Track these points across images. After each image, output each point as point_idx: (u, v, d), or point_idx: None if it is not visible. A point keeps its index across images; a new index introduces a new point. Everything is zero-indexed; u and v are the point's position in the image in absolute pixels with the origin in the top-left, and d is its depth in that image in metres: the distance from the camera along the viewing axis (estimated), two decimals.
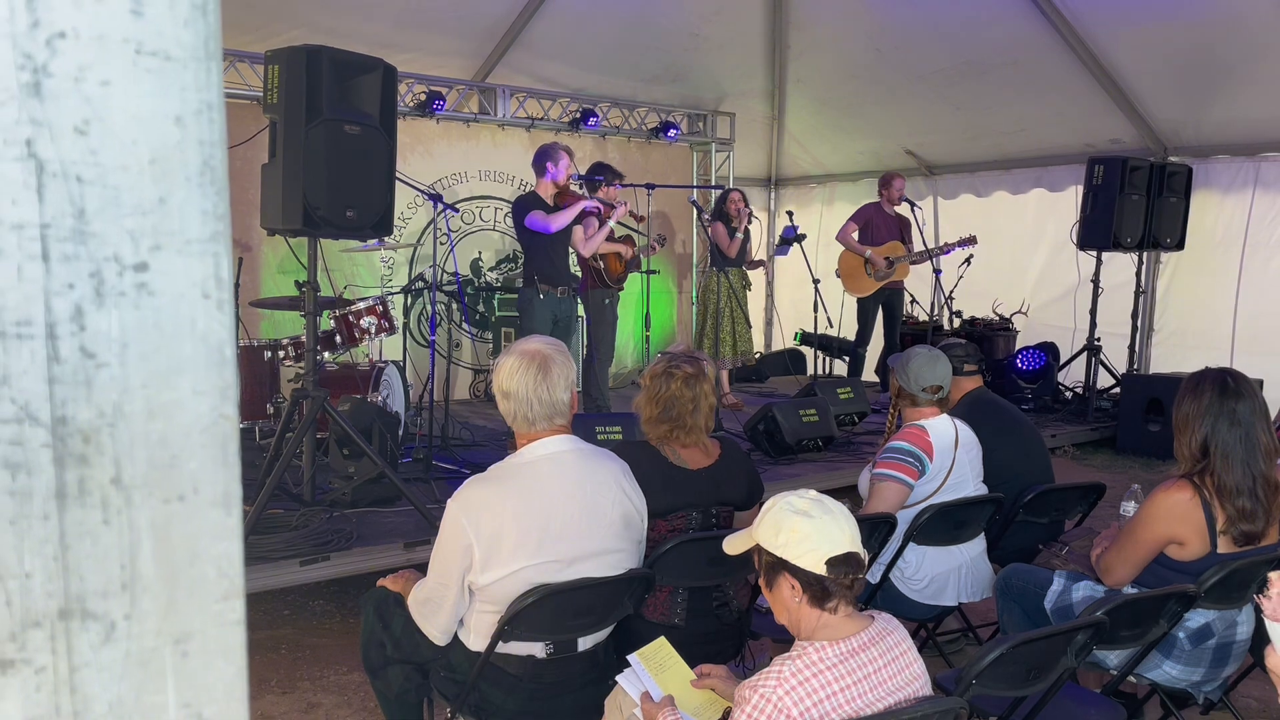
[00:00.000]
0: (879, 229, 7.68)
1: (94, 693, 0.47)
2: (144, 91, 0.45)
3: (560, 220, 5.73)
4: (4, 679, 0.45)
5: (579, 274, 6.40)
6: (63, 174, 0.44)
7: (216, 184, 0.46)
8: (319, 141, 3.80)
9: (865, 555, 1.94)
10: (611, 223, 6.30)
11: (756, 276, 8.21)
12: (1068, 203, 8.18)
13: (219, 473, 0.48)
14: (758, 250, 7.58)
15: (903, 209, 7.78)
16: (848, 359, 8.23)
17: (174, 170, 0.46)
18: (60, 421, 0.45)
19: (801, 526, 1.89)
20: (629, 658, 2.26)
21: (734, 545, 2.08)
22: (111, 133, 0.45)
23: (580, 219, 5.99)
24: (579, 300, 6.26)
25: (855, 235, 7.70)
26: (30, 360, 0.44)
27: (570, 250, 6.20)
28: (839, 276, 7.75)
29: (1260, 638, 2.82)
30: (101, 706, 0.47)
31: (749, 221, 7.29)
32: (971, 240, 7.44)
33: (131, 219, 0.46)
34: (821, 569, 1.86)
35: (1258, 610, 2.77)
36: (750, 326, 7.56)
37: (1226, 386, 2.71)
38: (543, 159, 5.94)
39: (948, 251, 7.51)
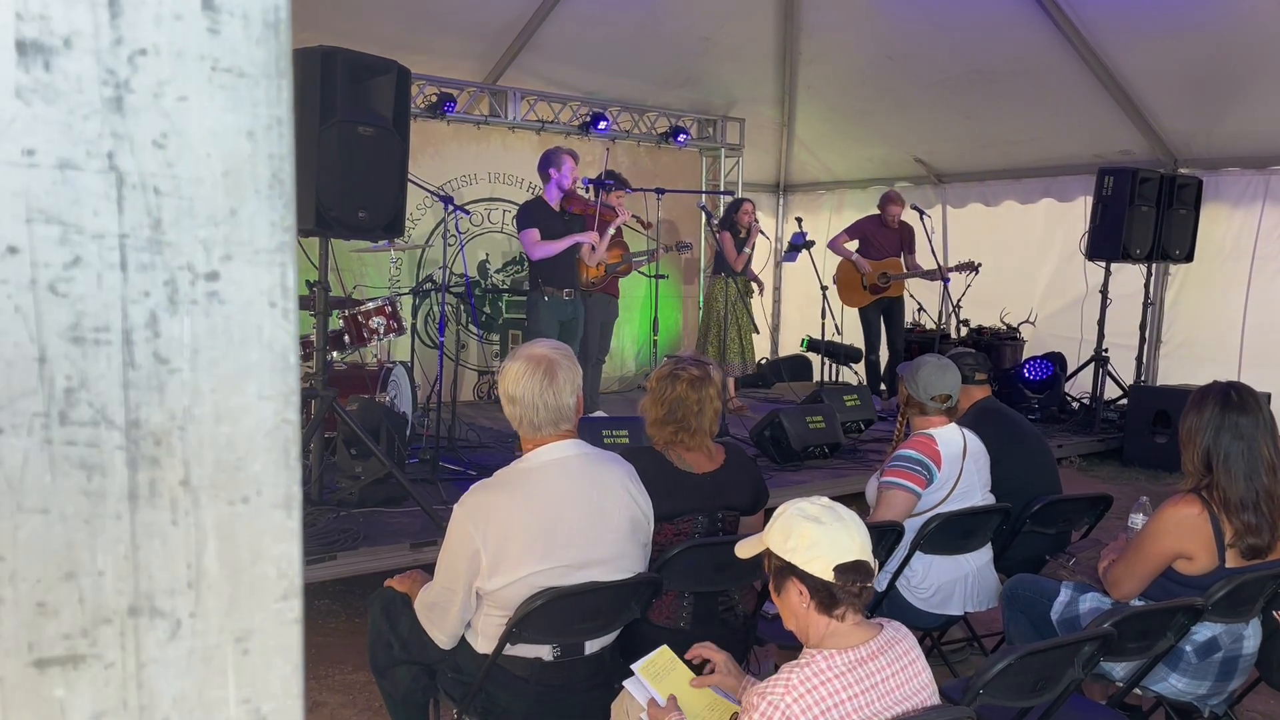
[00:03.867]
0: (877, 244, 7.76)
1: (160, 688, 0.48)
2: (218, 106, 0.47)
3: (544, 250, 5.79)
4: (75, 673, 0.46)
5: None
6: (141, 186, 0.45)
7: (284, 196, 0.48)
8: (332, 142, 3.82)
9: (875, 564, 1.94)
10: (611, 229, 6.34)
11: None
12: (1076, 213, 8.18)
13: (281, 475, 0.49)
14: (763, 267, 7.60)
15: (909, 217, 7.82)
16: (857, 367, 8.24)
17: (245, 183, 0.47)
18: (134, 425, 0.46)
19: (811, 532, 1.89)
20: (633, 668, 2.27)
21: (745, 550, 2.08)
22: (188, 146, 0.46)
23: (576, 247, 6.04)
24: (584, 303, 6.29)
25: (848, 246, 7.82)
26: (107, 365, 0.46)
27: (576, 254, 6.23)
28: (835, 283, 7.81)
29: (1268, 653, 2.82)
30: (166, 702, 0.48)
31: (757, 235, 7.31)
32: (970, 266, 7.48)
33: (204, 229, 0.47)
34: (829, 575, 1.87)
35: (1265, 624, 2.77)
36: (757, 332, 7.57)
37: (1229, 400, 2.72)
38: (545, 165, 5.96)
39: (947, 279, 7.56)
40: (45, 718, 0.46)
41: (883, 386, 7.89)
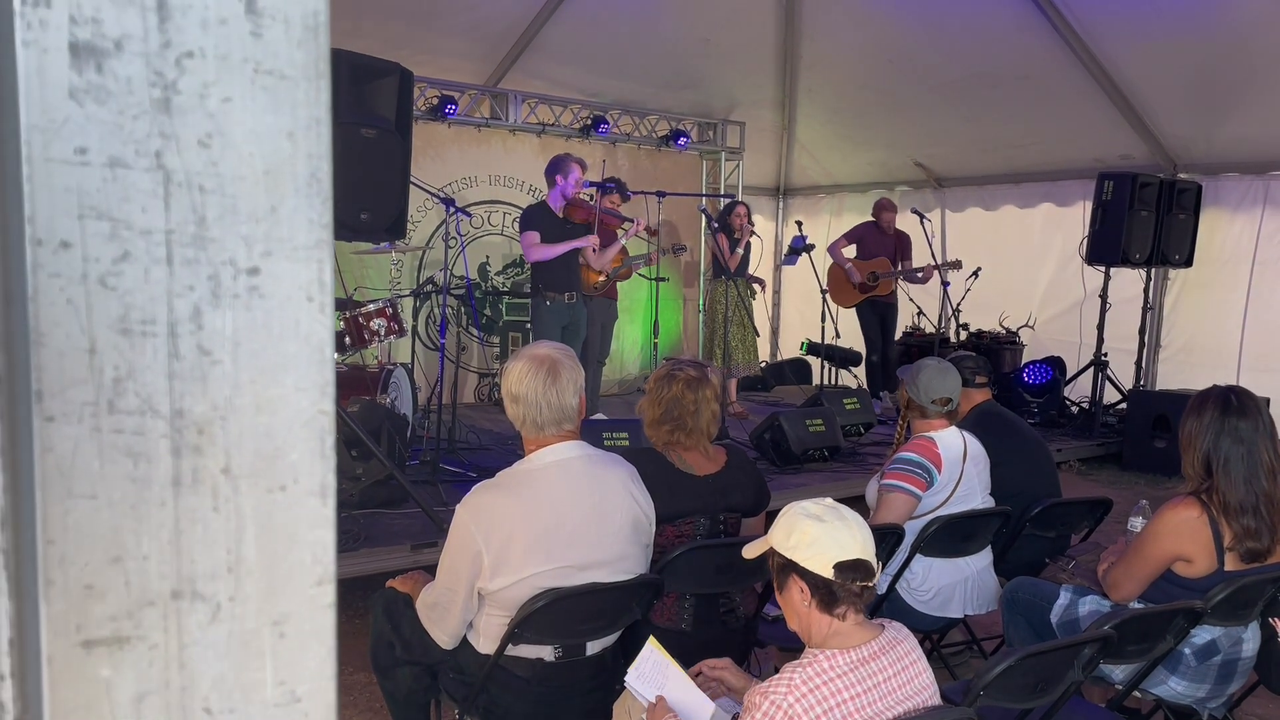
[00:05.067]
0: (872, 246, 7.92)
1: (200, 669, 0.50)
2: (260, 107, 0.49)
3: (541, 253, 5.80)
4: (121, 654, 0.48)
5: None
6: (187, 184, 0.47)
7: (322, 194, 0.50)
8: (335, 144, 3.81)
9: (877, 565, 1.95)
10: (624, 240, 6.36)
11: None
12: (1075, 218, 8.21)
13: (317, 464, 0.51)
14: (759, 265, 7.66)
15: (910, 225, 7.90)
16: (856, 370, 8.29)
17: (285, 181, 0.49)
18: (178, 414, 0.48)
19: (812, 530, 1.91)
20: (644, 655, 2.28)
21: (752, 550, 2.10)
22: (231, 146, 0.48)
23: (584, 233, 6.05)
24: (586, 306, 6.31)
25: (846, 250, 7.99)
26: (153, 356, 0.48)
27: (580, 257, 6.24)
28: (825, 289, 7.94)
29: (1266, 656, 2.83)
30: (206, 682, 0.50)
31: (749, 237, 7.35)
32: (956, 265, 7.56)
33: (246, 226, 0.49)
34: (829, 572, 1.88)
35: (1263, 628, 2.79)
36: (759, 335, 7.60)
37: (1229, 404, 2.73)
38: (553, 171, 5.98)
39: (946, 282, 7.65)
40: (91, 697, 0.47)
41: (883, 393, 7.92)
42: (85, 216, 0.45)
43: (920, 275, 7.77)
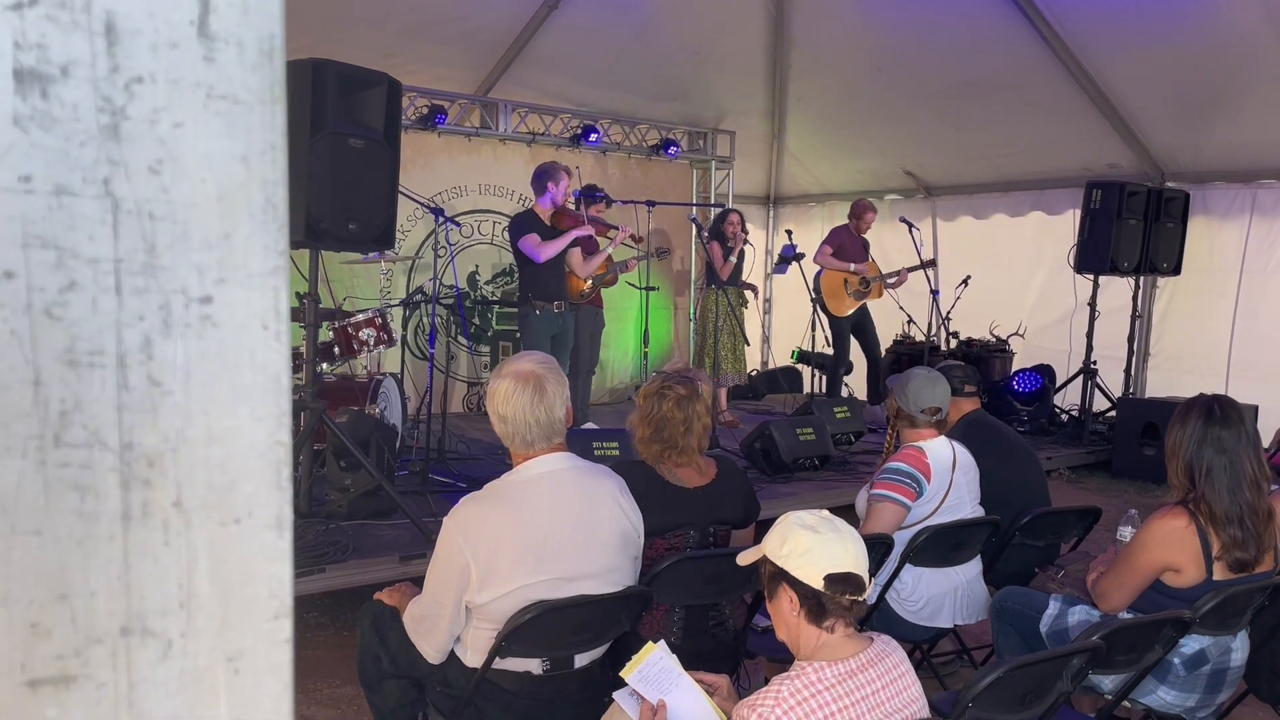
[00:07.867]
0: (850, 252, 7.91)
1: (150, 708, 0.49)
2: (213, 133, 0.47)
3: (548, 251, 5.80)
4: (67, 693, 0.47)
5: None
6: (136, 211, 0.46)
7: (278, 220, 0.49)
8: (323, 154, 3.82)
9: (869, 580, 1.95)
10: (611, 248, 6.36)
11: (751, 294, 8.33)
12: (1065, 226, 8.23)
13: (273, 496, 0.50)
14: (750, 273, 7.67)
15: (894, 232, 7.95)
16: (846, 378, 8.32)
17: (239, 207, 0.48)
18: (127, 447, 0.47)
19: (805, 540, 1.91)
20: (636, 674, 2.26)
21: (746, 558, 2.10)
22: (182, 172, 0.47)
23: (573, 244, 6.06)
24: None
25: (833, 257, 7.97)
26: (101, 388, 0.46)
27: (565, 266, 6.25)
28: (816, 297, 7.94)
29: (1256, 665, 2.83)
30: None
31: (743, 245, 7.36)
32: (930, 264, 7.67)
33: (199, 254, 0.48)
34: (819, 583, 1.88)
35: (1252, 637, 2.79)
36: (749, 344, 7.60)
37: (1212, 414, 2.73)
38: (542, 179, 5.98)
39: (905, 281, 7.83)
40: None
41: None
42: (30, 245, 0.44)
43: (894, 280, 7.91)
